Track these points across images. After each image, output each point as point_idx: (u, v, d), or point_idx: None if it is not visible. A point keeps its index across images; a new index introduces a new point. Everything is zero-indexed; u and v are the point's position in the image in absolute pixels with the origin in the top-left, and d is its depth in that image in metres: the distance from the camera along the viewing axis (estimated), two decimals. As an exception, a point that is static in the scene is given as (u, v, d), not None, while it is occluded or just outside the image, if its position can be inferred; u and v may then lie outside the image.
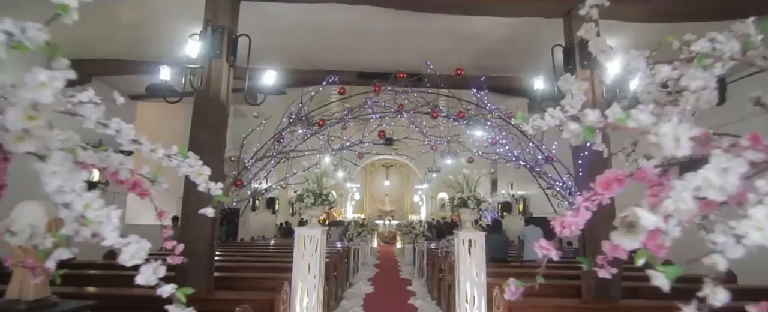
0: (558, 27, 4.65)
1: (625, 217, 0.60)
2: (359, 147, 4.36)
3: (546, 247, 0.73)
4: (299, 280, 3.83)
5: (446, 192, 21.26)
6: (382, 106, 4.27)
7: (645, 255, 0.58)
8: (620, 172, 0.71)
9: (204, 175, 0.91)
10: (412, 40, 6.22)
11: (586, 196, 0.72)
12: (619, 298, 3.90)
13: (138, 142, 0.84)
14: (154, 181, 0.89)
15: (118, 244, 0.71)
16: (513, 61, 6.63)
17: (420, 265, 10.00)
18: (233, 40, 4.27)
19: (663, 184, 0.66)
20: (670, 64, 0.89)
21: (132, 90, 8.79)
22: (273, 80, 4.56)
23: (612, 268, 0.74)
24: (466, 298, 4.04)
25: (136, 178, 0.87)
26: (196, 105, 4.05)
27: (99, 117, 0.81)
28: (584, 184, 4.12)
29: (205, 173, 0.91)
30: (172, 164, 0.88)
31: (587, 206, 0.72)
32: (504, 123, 4.22)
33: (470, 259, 4.11)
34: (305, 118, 4.13)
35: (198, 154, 3.33)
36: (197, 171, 0.90)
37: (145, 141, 0.85)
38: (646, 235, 0.57)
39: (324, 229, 4.03)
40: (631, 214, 0.58)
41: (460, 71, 4.16)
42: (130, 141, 0.83)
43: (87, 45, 6.72)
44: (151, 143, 0.85)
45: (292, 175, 4.24)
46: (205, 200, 3.72)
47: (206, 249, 3.79)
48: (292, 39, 6.22)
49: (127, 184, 0.87)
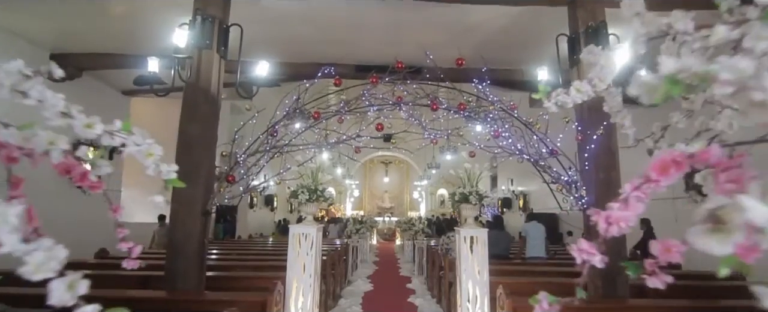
0: (559, 16, 4.48)
1: (716, 209, 0.43)
2: (356, 141, 4.19)
3: (587, 250, 0.57)
4: (294, 279, 3.68)
5: (446, 188, 21.16)
6: (379, 98, 4.10)
7: (733, 263, 0.42)
8: (678, 152, 0.55)
9: (154, 155, 0.74)
10: (411, 32, 6.05)
11: (635, 183, 0.56)
12: (626, 297, 3.76)
13: (69, 116, 0.67)
14: (94, 165, 0.72)
15: (19, 251, 0.54)
16: (514, 53, 6.46)
17: (420, 263, 9.86)
18: (224, 29, 4.09)
19: (739, 167, 0.50)
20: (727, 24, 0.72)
21: (125, 86, 8.61)
22: (266, 71, 4.38)
23: (665, 275, 0.57)
24: (467, 297, 3.89)
25: (71, 161, 0.70)
26: (185, 97, 3.88)
27: (15, 84, 0.64)
28: (590, 178, 3.97)
29: (156, 153, 0.74)
30: (114, 143, 0.71)
31: (638, 197, 0.56)
32: (507, 115, 4.05)
33: (472, 256, 3.95)
34: (299, 111, 3.96)
35: (188, 148, 3.15)
36: (145, 150, 0.73)
37: (78, 114, 0.68)
38: (743, 236, 0.41)
39: (319, 227, 3.87)
40: (731, 204, 0.42)
41: (461, 61, 3.99)
42: (58, 114, 0.67)
43: (77, 38, 6.54)
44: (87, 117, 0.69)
45: (286, 171, 4.07)
46: (196, 196, 3.51)
47: (196, 248, 3.63)
48: (286, 30, 6.04)
49: (60, 169, 0.71)
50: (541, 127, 4.02)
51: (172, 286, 3.54)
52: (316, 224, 3.85)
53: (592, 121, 3.91)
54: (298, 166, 3.94)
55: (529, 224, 7.12)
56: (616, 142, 3.96)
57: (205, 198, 3.75)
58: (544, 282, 4.53)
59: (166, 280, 3.60)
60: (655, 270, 0.58)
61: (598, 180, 3.87)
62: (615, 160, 3.92)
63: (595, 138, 3.82)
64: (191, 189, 3.71)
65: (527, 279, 4.50)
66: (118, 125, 0.71)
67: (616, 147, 3.95)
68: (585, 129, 3.93)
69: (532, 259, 6.66)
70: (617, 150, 3.95)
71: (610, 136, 3.91)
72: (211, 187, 3.83)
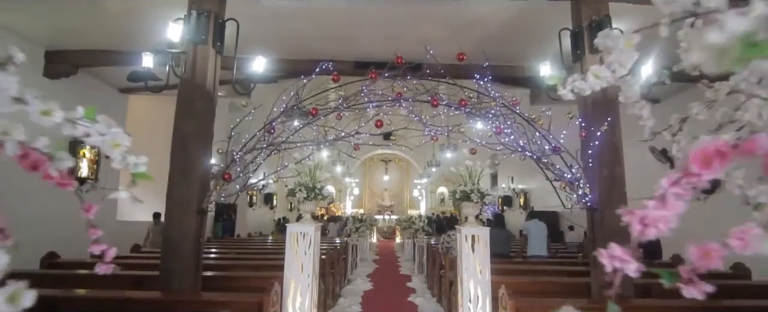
0: (562, 10, 4.39)
1: None
2: (355, 138, 4.10)
3: (621, 257, 0.49)
4: (292, 279, 3.60)
5: (446, 186, 21.09)
6: (379, 94, 4.01)
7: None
8: (721, 142, 0.47)
9: (121, 145, 0.66)
10: (411, 28, 5.96)
11: (673, 178, 0.48)
12: (631, 297, 3.68)
13: (22, 101, 0.59)
14: (53, 158, 0.64)
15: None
16: (515, 48, 6.37)
17: (420, 261, 9.79)
18: (220, 24, 4.01)
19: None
20: None
21: (122, 83, 8.52)
22: (263, 67, 4.30)
23: (705, 283, 0.49)
24: (469, 297, 3.81)
25: (37, 155, 0.62)
26: (180, 93, 3.80)
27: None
28: (594, 176, 3.90)
29: (123, 143, 0.66)
30: (76, 133, 0.63)
31: (678, 193, 0.48)
32: (508, 112, 3.97)
33: (473, 256, 3.88)
34: (297, 107, 3.87)
35: (184, 145, 3.06)
36: (111, 140, 0.65)
37: (33, 99, 0.60)
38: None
39: (317, 225, 3.79)
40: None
41: (463, 56, 3.90)
42: (9, 100, 0.58)
43: (72, 35, 6.45)
44: (45, 102, 0.60)
45: (283, 168, 3.99)
46: (191, 194, 3.42)
47: (192, 248, 3.55)
48: (284, 26, 5.95)
49: (25, 164, 0.63)
50: (543, 124, 3.94)
51: (167, 287, 3.47)
52: (314, 223, 3.77)
53: (596, 117, 3.83)
54: (296, 164, 3.85)
55: (530, 222, 7.04)
56: (620, 138, 3.88)
57: (200, 196, 3.67)
58: (546, 282, 4.46)
59: (161, 281, 3.52)
60: (692, 278, 0.50)
61: (601, 177, 3.79)
62: (619, 157, 3.84)
63: (598, 134, 3.74)
64: (186, 187, 3.63)
65: (529, 278, 4.43)
66: (81, 112, 0.63)
67: (620, 143, 3.87)
68: (589, 125, 3.84)
69: (534, 257, 6.58)
70: (621, 146, 3.87)
71: (614, 131, 3.83)
72: (207, 185, 3.75)
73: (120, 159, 0.67)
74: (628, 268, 0.49)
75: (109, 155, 0.66)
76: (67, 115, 0.62)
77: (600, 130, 3.73)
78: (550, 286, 4.21)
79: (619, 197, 3.80)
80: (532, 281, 4.27)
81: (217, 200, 3.90)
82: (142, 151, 3.05)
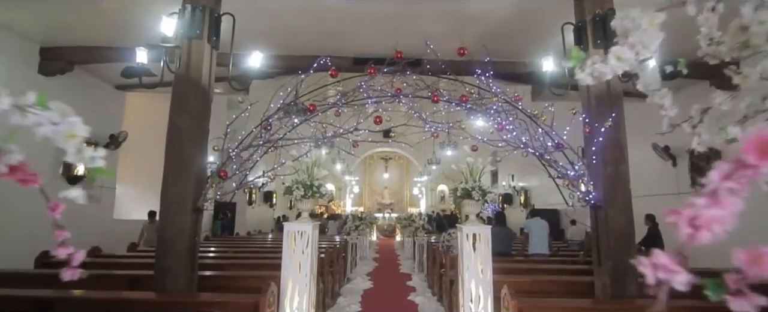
0: (564, 4, 4.29)
1: None
2: (354, 135, 4.02)
3: (667, 266, 0.41)
4: (289, 279, 3.52)
5: (446, 184, 21.00)
6: (378, 90, 3.92)
7: None
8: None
9: (76, 136, 0.58)
10: (411, 23, 5.86)
11: (724, 170, 0.40)
12: (635, 296, 3.61)
13: (-44, 90, 0.52)
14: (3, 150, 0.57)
15: None
16: (517, 44, 6.28)
17: (420, 259, 9.72)
18: (215, 18, 3.92)
19: None
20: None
21: (119, 80, 8.40)
22: (259, 63, 4.21)
23: (756, 295, 0.42)
24: (470, 296, 3.74)
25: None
26: (174, 89, 3.72)
27: None
28: (597, 173, 3.81)
29: (79, 133, 0.58)
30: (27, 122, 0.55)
31: (732, 188, 0.40)
32: (510, 108, 3.88)
33: (475, 254, 3.80)
34: (295, 104, 3.78)
35: (178, 142, 2.97)
36: (65, 131, 0.57)
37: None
38: None
39: (315, 224, 3.71)
40: None
41: (464, 50, 3.82)
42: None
43: (67, 31, 6.35)
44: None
45: (280, 166, 3.90)
46: (186, 192, 3.34)
47: (187, 247, 3.47)
48: (281, 21, 5.86)
49: None
50: (546, 120, 3.85)
51: (161, 287, 3.39)
52: (311, 221, 3.69)
53: (599, 113, 3.75)
54: (293, 161, 3.77)
55: (531, 220, 6.97)
56: (624, 134, 3.80)
57: (196, 194, 3.59)
58: (548, 281, 4.38)
59: (155, 280, 3.44)
60: (741, 288, 0.42)
61: (605, 174, 3.71)
62: (624, 154, 3.76)
63: (603, 130, 3.66)
64: (181, 185, 3.56)
65: (531, 278, 4.35)
66: (31, 98, 0.55)
67: (624, 140, 3.79)
68: (592, 121, 3.76)
69: (535, 255, 6.51)
70: (626, 143, 3.79)
71: (619, 128, 3.75)
72: (202, 183, 3.67)
73: (74, 152, 0.59)
74: (675, 280, 0.41)
75: (63, 147, 0.58)
76: (16, 102, 0.54)
77: (604, 127, 3.65)
78: (553, 286, 4.14)
79: (624, 195, 3.72)
80: (533, 280, 4.20)
81: (214, 198, 3.82)
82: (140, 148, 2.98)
